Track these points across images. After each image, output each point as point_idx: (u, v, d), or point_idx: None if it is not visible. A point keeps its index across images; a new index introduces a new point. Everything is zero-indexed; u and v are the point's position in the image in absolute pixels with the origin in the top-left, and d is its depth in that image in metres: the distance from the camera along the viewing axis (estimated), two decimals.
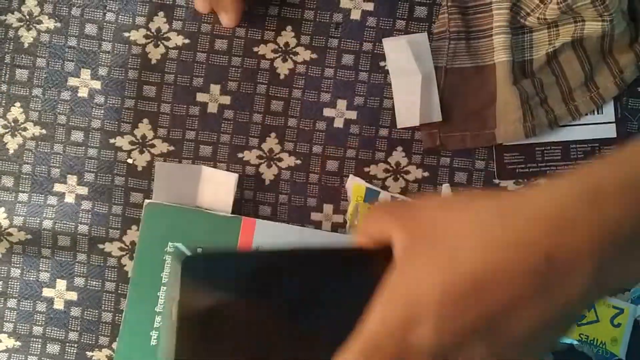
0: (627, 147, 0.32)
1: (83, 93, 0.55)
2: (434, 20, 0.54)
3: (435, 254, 0.32)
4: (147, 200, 0.51)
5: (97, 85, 0.55)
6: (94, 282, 0.54)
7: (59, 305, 0.54)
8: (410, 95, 0.53)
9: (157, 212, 0.51)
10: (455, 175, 0.54)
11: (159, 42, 0.54)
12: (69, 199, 0.54)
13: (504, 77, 0.52)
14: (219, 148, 0.54)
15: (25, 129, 0.55)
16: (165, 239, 0.51)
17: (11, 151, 0.54)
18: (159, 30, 0.54)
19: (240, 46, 0.54)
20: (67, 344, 0.54)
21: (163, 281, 0.50)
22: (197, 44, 0.54)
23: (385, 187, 0.54)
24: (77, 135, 0.54)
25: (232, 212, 0.52)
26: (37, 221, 0.54)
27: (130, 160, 0.54)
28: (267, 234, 0.51)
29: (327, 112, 0.54)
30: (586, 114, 0.53)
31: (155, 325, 0.50)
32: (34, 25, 0.54)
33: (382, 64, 0.54)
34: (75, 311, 0.54)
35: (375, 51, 0.54)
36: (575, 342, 0.52)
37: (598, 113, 0.54)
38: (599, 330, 0.52)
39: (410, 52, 0.52)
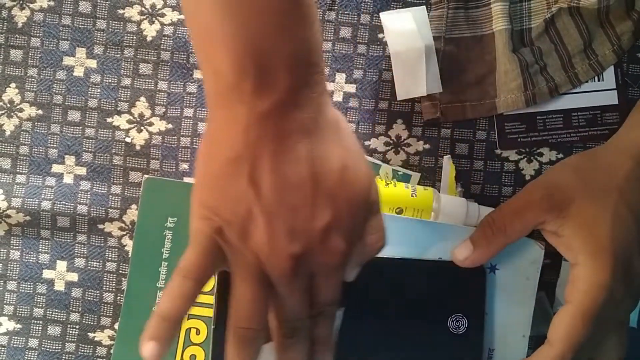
0: None
1: (79, 72, 0.54)
2: None
3: None
4: (145, 176, 0.51)
5: (92, 64, 0.54)
6: (95, 263, 0.53)
7: (59, 286, 0.53)
8: (413, 66, 0.52)
9: (156, 187, 0.50)
10: (457, 146, 0.54)
11: (154, 19, 0.54)
12: (68, 179, 0.54)
13: (503, 46, 0.52)
14: None
15: (21, 110, 0.54)
16: (165, 214, 0.50)
17: (8, 133, 0.54)
18: (153, 6, 0.54)
19: None
20: (69, 326, 0.53)
21: (164, 256, 0.50)
22: None
23: (386, 161, 0.54)
24: (74, 115, 0.54)
25: None
26: (36, 202, 0.53)
27: (128, 139, 0.54)
28: None
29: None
30: (586, 81, 0.53)
31: (157, 301, 0.50)
32: (27, 4, 0.54)
33: (380, 35, 0.54)
34: (76, 292, 0.53)
35: (373, 23, 0.54)
36: None
37: (598, 80, 0.53)
38: None
39: (414, 23, 0.52)
